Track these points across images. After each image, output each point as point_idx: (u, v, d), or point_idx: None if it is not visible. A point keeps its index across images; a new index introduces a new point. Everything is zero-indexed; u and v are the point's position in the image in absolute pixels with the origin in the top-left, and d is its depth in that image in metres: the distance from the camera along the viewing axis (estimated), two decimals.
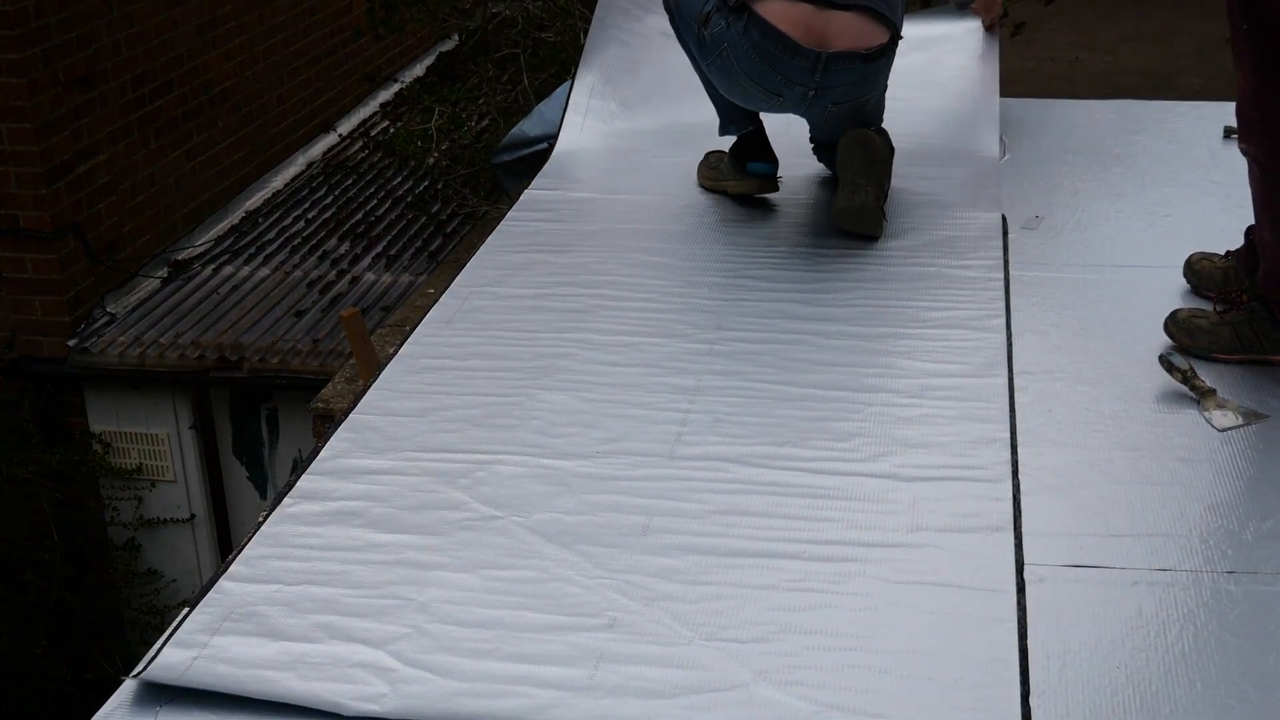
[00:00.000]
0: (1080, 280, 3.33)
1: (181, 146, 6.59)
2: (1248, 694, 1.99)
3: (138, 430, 5.94)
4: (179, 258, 6.51)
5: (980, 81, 4.27)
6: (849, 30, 3.23)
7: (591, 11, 4.53)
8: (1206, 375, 2.80)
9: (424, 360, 2.88)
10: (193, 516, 6.03)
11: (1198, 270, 3.22)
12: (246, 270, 6.46)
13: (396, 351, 2.94)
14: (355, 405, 2.71)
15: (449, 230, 6.95)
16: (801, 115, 3.51)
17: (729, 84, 3.37)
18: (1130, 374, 2.88)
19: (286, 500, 2.37)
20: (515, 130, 4.34)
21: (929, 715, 1.87)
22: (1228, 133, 4.22)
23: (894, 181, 3.77)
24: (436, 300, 3.18)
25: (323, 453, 2.53)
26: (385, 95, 8.10)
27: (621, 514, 2.33)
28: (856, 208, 3.31)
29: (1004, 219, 3.54)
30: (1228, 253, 3.20)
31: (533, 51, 6.56)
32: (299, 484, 2.42)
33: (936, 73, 4.25)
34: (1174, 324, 2.95)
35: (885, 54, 3.31)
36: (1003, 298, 3.12)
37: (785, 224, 3.55)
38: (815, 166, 3.84)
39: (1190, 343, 2.92)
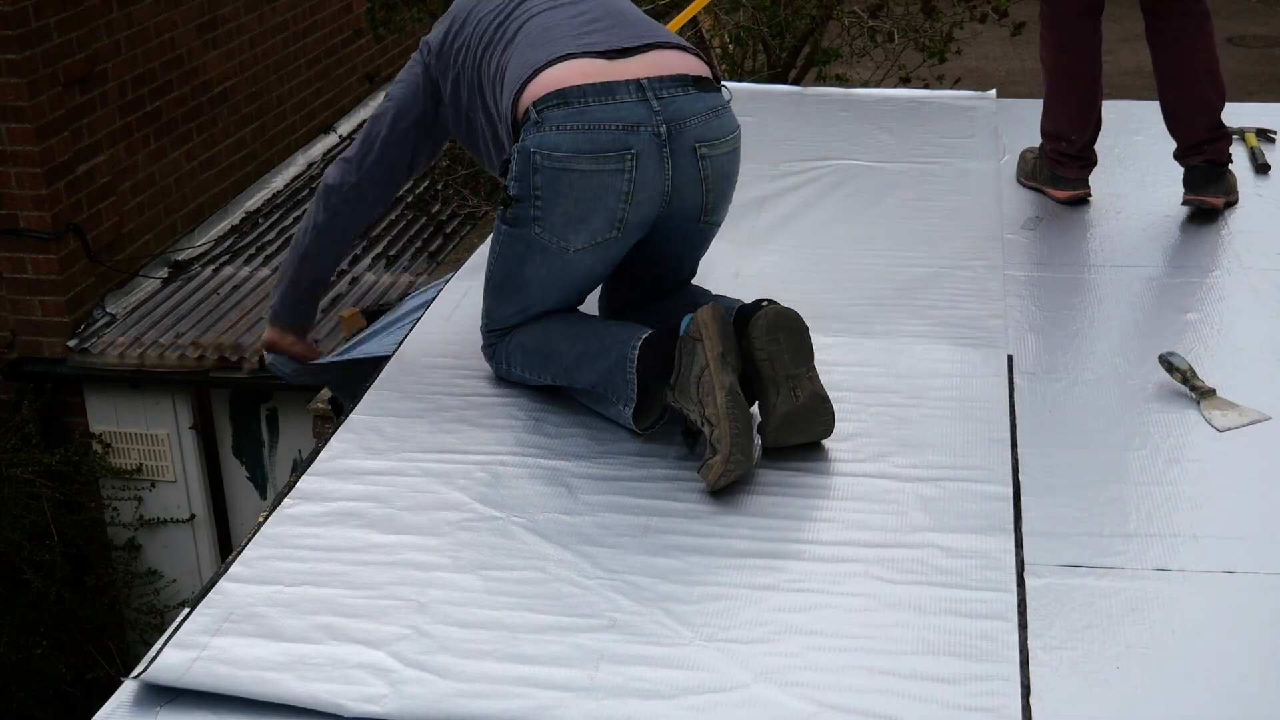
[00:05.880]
0: (1080, 280, 3.33)
1: (181, 146, 6.59)
2: (1247, 693, 1.99)
3: (138, 430, 5.94)
4: (179, 258, 6.50)
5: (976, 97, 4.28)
6: (657, 62, 2.57)
7: None
8: (1206, 375, 2.80)
9: (424, 359, 2.88)
10: (193, 516, 6.03)
11: None
12: (246, 270, 6.46)
13: (396, 351, 2.94)
14: (355, 405, 2.71)
15: (449, 230, 6.94)
16: (668, 198, 2.58)
17: (573, 206, 2.52)
18: (1130, 374, 2.88)
19: (287, 501, 2.37)
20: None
21: (929, 715, 1.87)
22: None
23: (897, 190, 3.76)
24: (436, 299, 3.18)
25: (323, 454, 2.53)
26: None
27: (621, 514, 2.33)
28: (805, 405, 2.45)
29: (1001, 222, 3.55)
30: None
31: None
32: (299, 485, 2.42)
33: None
34: None
35: (720, 91, 2.63)
36: (1003, 298, 3.12)
37: (783, 223, 3.54)
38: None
39: None
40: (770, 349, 2.45)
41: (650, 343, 2.48)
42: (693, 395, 2.37)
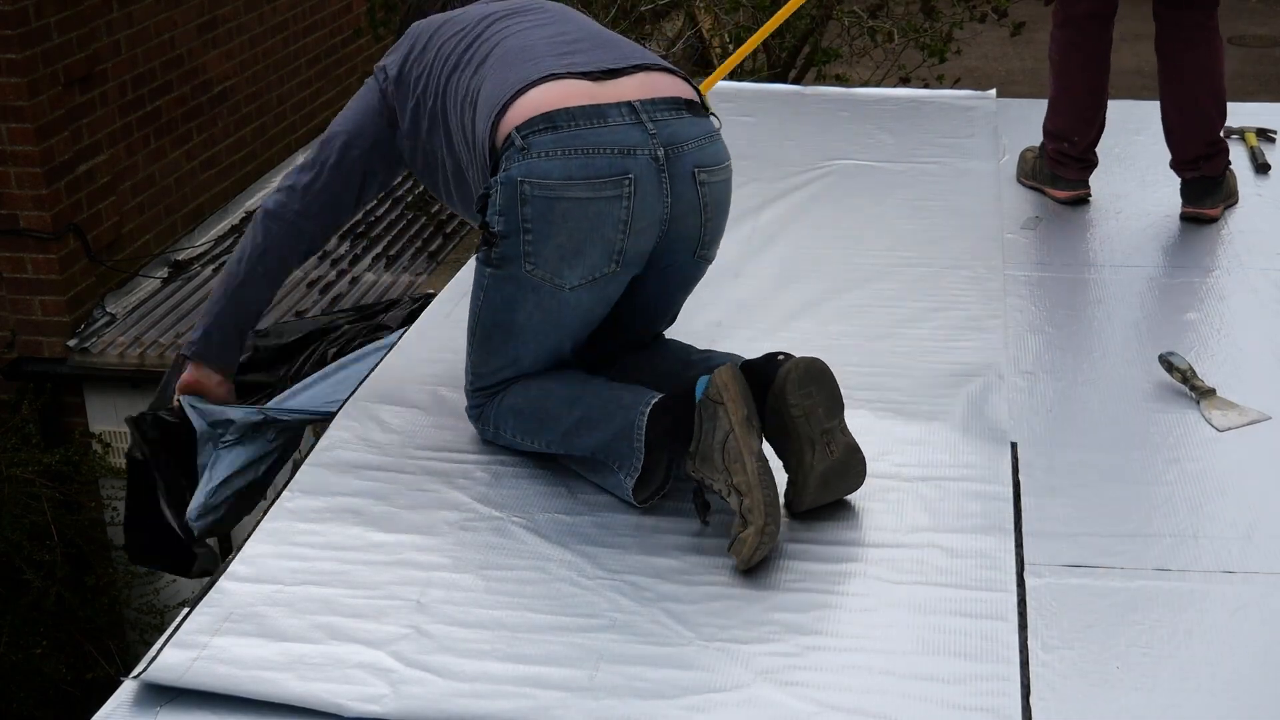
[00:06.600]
0: (1080, 280, 3.33)
1: (181, 146, 6.59)
2: (1246, 693, 1.99)
3: None
4: (179, 258, 6.50)
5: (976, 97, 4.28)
6: (647, 84, 2.40)
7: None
8: (1206, 375, 2.80)
9: (425, 355, 2.88)
10: None
11: None
12: None
13: (395, 346, 2.94)
14: (348, 405, 2.69)
15: (449, 230, 6.94)
16: (666, 228, 2.40)
17: (567, 238, 2.32)
18: (1130, 374, 2.88)
19: (285, 495, 2.37)
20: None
21: (929, 715, 1.87)
22: (1227, 133, 4.22)
23: (897, 190, 3.76)
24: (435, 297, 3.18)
25: (320, 443, 2.52)
26: None
27: (621, 514, 2.33)
28: (840, 460, 2.30)
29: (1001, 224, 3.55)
30: None
31: None
32: (298, 477, 2.42)
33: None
34: None
35: (709, 114, 2.46)
36: (1003, 298, 3.12)
37: (783, 223, 3.54)
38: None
39: None
40: (805, 404, 2.27)
41: (661, 408, 2.27)
42: (717, 463, 2.18)
